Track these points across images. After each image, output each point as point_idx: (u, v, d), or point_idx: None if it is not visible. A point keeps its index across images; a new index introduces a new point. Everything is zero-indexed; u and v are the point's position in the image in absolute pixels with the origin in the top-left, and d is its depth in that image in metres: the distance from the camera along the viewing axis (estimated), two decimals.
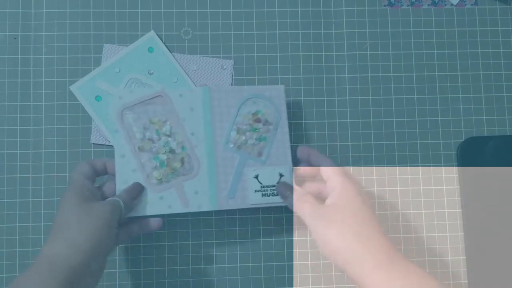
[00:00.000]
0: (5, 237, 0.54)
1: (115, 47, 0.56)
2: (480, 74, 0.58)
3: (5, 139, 0.55)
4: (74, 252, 0.38)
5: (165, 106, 0.49)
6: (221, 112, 0.50)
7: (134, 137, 0.48)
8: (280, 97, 0.51)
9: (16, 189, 0.55)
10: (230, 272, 0.55)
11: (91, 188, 0.44)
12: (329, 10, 0.58)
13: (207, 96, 0.50)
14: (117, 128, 0.48)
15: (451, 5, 0.59)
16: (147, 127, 0.48)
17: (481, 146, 0.56)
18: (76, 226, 0.39)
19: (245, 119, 0.51)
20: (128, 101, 0.48)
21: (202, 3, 0.58)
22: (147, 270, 0.54)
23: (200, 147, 0.49)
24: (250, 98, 0.51)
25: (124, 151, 0.47)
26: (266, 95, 0.51)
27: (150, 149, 0.48)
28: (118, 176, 0.47)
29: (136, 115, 0.48)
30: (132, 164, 0.47)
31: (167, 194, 0.48)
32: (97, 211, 0.41)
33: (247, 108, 0.51)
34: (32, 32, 0.56)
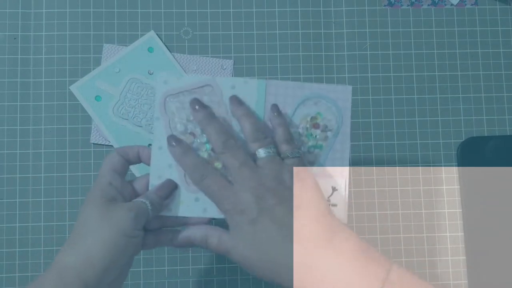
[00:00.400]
0: (5, 237, 0.54)
1: (115, 47, 0.56)
2: (480, 74, 0.58)
3: (4, 139, 0.55)
4: (88, 266, 0.35)
5: (213, 97, 0.44)
6: None
7: (175, 129, 0.43)
8: (346, 100, 0.44)
9: (15, 189, 0.55)
10: (230, 272, 0.55)
11: (118, 184, 0.40)
12: (329, 10, 0.58)
13: (263, 91, 0.44)
14: (158, 115, 0.43)
15: (451, 5, 0.59)
16: (190, 119, 0.43)
17: (481, 146, 0.56)
18: (92, 237, 0.36)
19: (301, 122, 0.44)
20: (174, 87, 0.43)
21: (202, 3, 0.58)
22: (147, 270, 0.54)
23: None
24: (312, 98, 0.44)
25: (163, 143, 0.42)
26: (331, 97, 0.44)
27: (191, 144, 0.43)
28: (153, 170, 0.42)
29: (180, 105, 0.43)
30: (169, 159, 0.42)
31: (204, 196, 0.42)
32: (118, 219, 0.37)
33: (306, 109, 0.44)
34: (32, 32, 0.56)
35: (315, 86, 0.44)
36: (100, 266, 0.35)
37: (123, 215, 0.37)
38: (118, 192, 0.40)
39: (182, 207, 0.42)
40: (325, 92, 0.44)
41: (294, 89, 0.44)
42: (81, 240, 0.36)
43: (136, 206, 0.38)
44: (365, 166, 0.56)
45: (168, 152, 0.42)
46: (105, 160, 0.41)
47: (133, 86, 0.56)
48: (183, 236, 0.41)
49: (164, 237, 0.42)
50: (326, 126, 0.44)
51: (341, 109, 0.44)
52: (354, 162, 0.56)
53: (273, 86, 0.44)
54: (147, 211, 0.39)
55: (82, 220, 0.38)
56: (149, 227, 0.41)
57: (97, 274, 0.35)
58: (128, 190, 0.41)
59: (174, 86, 0.43)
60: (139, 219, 0.38)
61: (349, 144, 0.44)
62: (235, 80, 0.44)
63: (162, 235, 0.42)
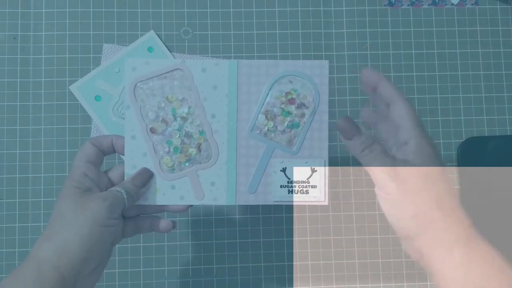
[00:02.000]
0: (5, 237, 0.54)
1: (114, 46, 0.56)
2: (481, 73, 0.58)
3: (4, 139, 0.55)
4: (64, 259, 0.35)
5: (184, 81, 0.43)
6: (249, 91, 0.43)
7: (147, 116, 0.43)
8: (322, 75, 0.43)
9: (15, 189, 0.55)
10: (230, 273, 0.55)
11: (94, 175, 0.40)
12: (329, 10, 0.58)
13: (234, 72, 0.43)
14: (129, 103, 0.42)
15: (452, 4, 0.59)
16: (161, 106, 0.43)
17: (481, 146, 0.56)
18: (67, 229, 0.36)
19: (277, 100, 0.43)
20: (143, 74, 0.42)
21: (202, 3, 0.58)
22: (147, 270, 0.54)
23: (220, 132, 0.43)
24: (286, 75, 0.43)
25: (135, 132, 0.42)
26: (307, 73, 0.42)
27: (163, 132, 0.43)
28: (127, 160, 0.42)
29: (150, 91, 0.43)
30: (142, 147, 0.42)
31: (180, 183, 0.42)
32: (93, 210, 0.37)
33: (281, 87, 0.43)
34: (32, 32, 0.56)
35: (289, 62, 0.43)
36: (76, 258, 0.36)
37: (97, 205, 0.37)
38: (94, 183, 0.40)
39: (158, 196, 0.42)
40: (300, 68, 0.43)
41: (268, 68, 0.43)
42: (57, 232, 0.36)
43: (110, 195, 0.39)
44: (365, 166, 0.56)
45: (142, 140, 0.42)
46: (80, 150, 0.41)
47: None
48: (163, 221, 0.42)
49: (143, 224, 0.42)
50: (303, 103, 0.43)
51: (317, 86, 0.43)
52: (354, 162, 0.56)
53: (245, 66, 0.43)
54: (123, 200, 0.39)
55: (57, 212, 0.38)
56: (127, 215, 0.42)
57: (74, 265, 0.36)
58: (104, 181, 0.41)
59: (143, 73, 0.42)
60: (114, 208, 0.38)
61: (327, 123, 0.43)
62: (205, 63, 0.43)
63: (140, 222, 0.42)
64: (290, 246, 0.55)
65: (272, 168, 0.43)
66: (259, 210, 0.55)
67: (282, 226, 0.55)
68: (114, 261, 0.54)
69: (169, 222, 0.43)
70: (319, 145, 0.43)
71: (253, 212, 0.55)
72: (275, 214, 0.55)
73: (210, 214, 0.55)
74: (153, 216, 0.43)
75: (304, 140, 0.43)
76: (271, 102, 0.43)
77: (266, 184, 0.43)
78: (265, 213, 0.55)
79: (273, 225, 0.55)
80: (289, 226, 0.55)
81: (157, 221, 0.43)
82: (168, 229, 0.43)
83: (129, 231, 0.42)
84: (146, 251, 0.54)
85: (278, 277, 0.55)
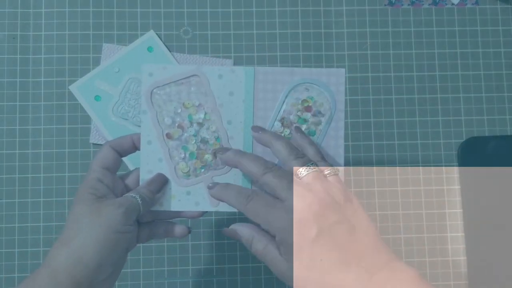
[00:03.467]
0: (4, 238, 0.54)
1: (114, 46, 0.56)
2: (481, 73, 0.58)
3: (4, 139, 0.55)
4: (79, 265, 0.35)
5: (200, 87, 0.43)
6: (265, 98, 0.43)
7: (163, 122, 0.43)
8: (339, 84, 0.43)
9: (15, 189, 0.54)
10: (229, 273, 0.55)
11: (109, 181, 0.40)
12: (329, 9, 0.58)
13: (251, 79, 0.43)
14: (145, 108, 0.42)
15: (452, 4, 0.59)
16: (178, 112, 0.43)
17: (482, 146, 0.56)
18: (83, 235, 0.36)
19: (293, 108, 0.42)
20: (160, 79, 0.42)
21: (201, 3, 0.58)
22: (147, 270, 0.54)
23: (236, 138, 0.43)
24: (303, 83, 0.43)
25: (151, 137, 0.42)
26: (323, 81, 0.43)
27: (179, 137, 0.43)
28: (143, 165, 0.42)
29: (167, 97, 0.43)
30: (158, 153, 0.42)
31: (195, 189, 0.42)
32: (108, 216, 0.37)
33: (297, 94, 0.43)
34: (31, 31, 0.56)
35: (305, 70, 0.43)
36: (92, 264, 0.35)
37: (113, 211, 0.37)
38: (109, 189, 0.39)
39: (174, 202, 0.42)
40: (317, 76, 0.43)
41: (283, 75, 0.43)
42: (73, 239, 0.36)
43: (126, 201, 0.38)
44: (365, 166, 0.56)
45: (158, 146, 0.42)
46: (97, 155, 0.40)
47: (132, 86, 0.56)
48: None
49: (158, 230, 0.42)
50: (319, 111, 0.43)
51: (333, 94, 0.43)
52: (354, 162, 0.56)
53: (262, 73, 0.43)
54: (138, 206, 0.39)
55: (73, 218, 0.37)
56: (142, 221, 0.41)
57: (89, 272, 0.35)
58: (119, 186, 0.41)
59: (159, 78, 0.42)
60: (129, 214, 0.38)
61: (343, 131, 0.43)
62: (221, 69, 0.43)
63: (155, 228, 0.42)
64: None
65: None
66: None
67: None
68: None
69: (185, 228, 0.42)
70: (334, 152, 0.43)
71: None
72: None
73: (210, 214, 0.55)
74: (168, 221, 0.43)
75: (319, 148, 0.42)
76: (287, 109, 0.43)
77: None
78: None
79: None
80: None
81: (172, 226, 0.42)
82: (183, 235, 0.42)
83: (143, 237, 0.41)
84: (146, 251, 0.54)
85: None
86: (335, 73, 0.43)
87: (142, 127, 0.42)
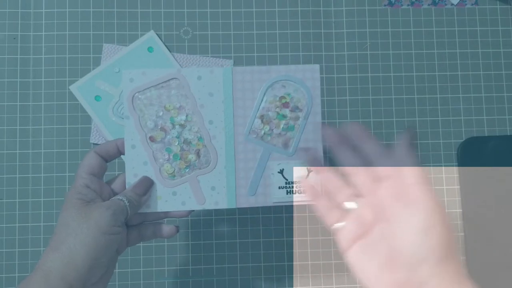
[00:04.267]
0: (5, 237, 0.54)
1: (114, 46, 0.56)
2: (481, 74, 0.58)
3: (4, 139, 0.55)
4: (70, 268, 0.36)
5: (180, 90, 0.44)
6: (244, 97, 0.44)
7: (146, 126, 0.44)
8: (314, 79, 0.45)
9: (15, 189, 0.55)
10: (230, 273, 0.55)
11: (96, 186, 0.41)
12: (329, 10, 0.58)
13: (229, 78, 0.44)
14: (128, 114, 0.44)
15: (452, 4, 0.59)
16: (160, 115, 0.44)
17: (481, 146, 0.56)
18: (73, 239, 0.37)
19: (271, 104, 0.44)
20: (141, 84, 0.44)
21: (202, 3, 0.58)
22: (147, 270, 0.54)
23: (218, 137, 0.44)
24: (279, 80, 0.45)
25: (135, 141, 0.43)
26: (299, 77, 0.44)
27: (163, 140, 0.44)
28: (128, 169, 0.43)
29: (148, 101, 0.44)
30: (143, 156, 0.43)
31: (181, 189, 0.44)
32: (96, 218, 0.38)
33: (274, 91, 0.44)
34: (32, 32, 0.56)
35: (281, 68, 0.45)
36: (83, 267, 0.36)
37: (100, 213, 0.38)
38: (96, 194, 0.41)
39: (160, 202, 0.43)
40: (292, 73, 0.45)
41: (261, 74, 0.44)
42: (62, 242, 0.37)
43: (113, 204, 0.39)
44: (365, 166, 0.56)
45: (142, 149, 0.43)
46: (83, 162, 0.41)
47: None
48: (165, 226, 0.43)
49: (147, 231, 0.43)
50: (297, 106, 0.45)
51: (309, 89, 0.45)
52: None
53: (239, 73, 0.44)
54: (125, 208, 0.40)
55: (62, 222, 0.38)
56: (131, 223, 0.43)
57: (81, 275, 0.36)
58: (106, 191, 0.42)
59: (140, 83, 0.44)
60: (117, 216, 0.39)
61: (320, 124, 0.44)
62: (200, 71, 0.44)
63: (144, 230, 0.43)
64: (290, 246, 0.55)
65: (270, 170, 0.44)
66: (259, 210, 0.55)
67: (282, 226, 0.55)
68: None
69: (172, 227, 0.44)
70: (314, 145, 0.44)
71: (253, 212, 0.55)
72: (275, 214, 0.55)
73: (210, 214, 0.55)
74: (156, 222, 0.44)
75: (299, 142, 0.44)
76: (266, 106, 0.44)
77: (265, 186, 0.44)
78: (265, 213, 0.55)
79: (273, 225, 0.55)
80: (289, 226, 0.55)
81: (160, 227, 0.44)
82: (171, 234, 0.44)
83: (133, 239, 0.43)
84: (146, 251, 0.54)
85: (278, 277, 0.55)
86: (309, 69, 0.45)
87: (125, 132, 0.44)
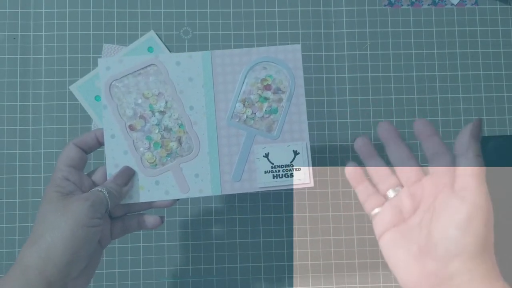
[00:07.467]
0: (5, 237, 0.54)
1: (114, 46, 0.56)
2: (481, 74, 0.58)
3: (4, 139, 0.55)
4: (48, 263, 0.35)
5: (159, 76, 0.43)
6: (224, 81, 0.43)
7: (125, 114, 0.42)
8: (296, 59, 0.43)
9: (15, 189, 0.55)
10: (230, 272, 0.55)
11: (75, 179, 0.40)
12: (329, 10, 0.58)
13: (209, 62, 0.43)
14: (105, 103, 0.42)
15: (451, 4, 0.59)
16: (138, 103, 0.43)
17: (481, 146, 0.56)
18: (50, 233, 0.36)
19: (253, 87, 0.43)
20: (117, 72, 0.42)
21: (202, 3, 0.58)
22: (147, 270, 0.54)
23: (200, 123, 0.43)
24: (260, 62, 0.43)
25: (114, 131, 0.42)
26: (280, 58, 0.43)
27: (142, 128, 0.43)
28: (108, 160, 0.42)
29: (126, 89, 0.43)
30: (123, 146, 0.42)
31: (164, 178, 0.42)
32: (74, 211, 0.37)
33: (256, 74, 0.43)
34: (32, 32, 0.56)
35: (262, 49, 0.43)
36: (61, 261, 0.36)
37: (78, 205, 0.37)
38: (76, 186, 0.39)
39: (142, 193, 0.42)
40: (273, 54, 0.43)
41: (241, 56, 0.43)
42: (40, 236, 0.36)
43: (91, 195, 0.38)
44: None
45: (122, 139, 0.42)
46: (61, 154, 0.40)
47: None
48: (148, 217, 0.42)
49: (131, 223, 0.42)
50: (279, 88, 0.43)
51: (291, 70, 0.43)
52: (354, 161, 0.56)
53: (219, 57, 0.43)
54: (105, 199, 0.39)
55: (40, 217, 0.38)
56: (114, 215, 0.42)
57: (60, 269, 0.35)
58: (86, 183, 0.41)
59: (117, 71, 0.43)
60: (96, 208, 0.38)
61: (304, 106, 0.43)
62: (179, 56, 0.43)
63: (128, 221, 0.42)
64: (290, 246, 0.55)
65: (255, 154, 0.43)
66: (258, 210, 0.55)
67: (282, 226, 0.55)
68: (114, 261, 0.54)
69: (156, 218, 0.42)
70: (299, 128, 0.43)
71: (253, 212, 0.55)
72: (275, 214, 0.55)
73: (210, 214, 0.55)
74: (140, 214, 0.43)
75: (284, 124, 0.43)
76: (248, 89, 0.43)
77: (250, 171, 0.42)
78: (265, 213, 0.55)
79: (273, 225, 0.55)
80: (289, 226, 0.55)
81: (143, 218, 0.42)
82: (156, 225, 0.43)
83: (117, 232, 0.42)
84: (146, 251, 0.54)
85: (278, 277, 0.55)
86: (291, 49, 0.43)
87: (104, 122, 0.42)
